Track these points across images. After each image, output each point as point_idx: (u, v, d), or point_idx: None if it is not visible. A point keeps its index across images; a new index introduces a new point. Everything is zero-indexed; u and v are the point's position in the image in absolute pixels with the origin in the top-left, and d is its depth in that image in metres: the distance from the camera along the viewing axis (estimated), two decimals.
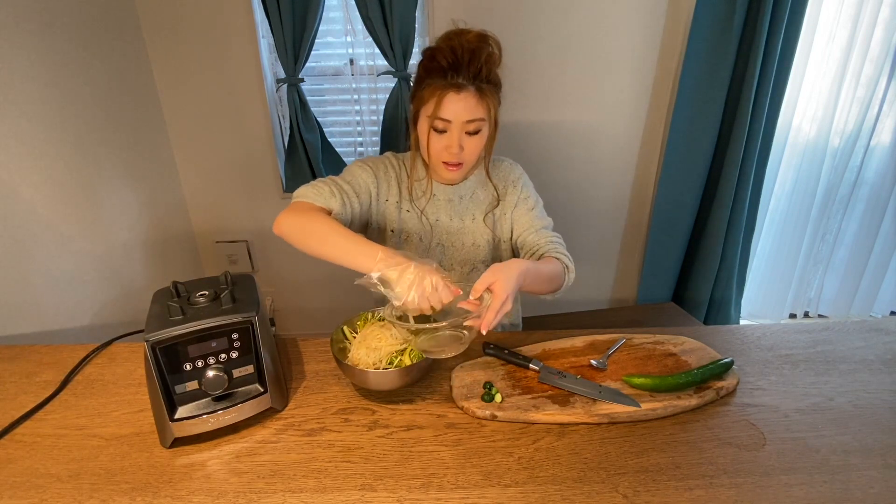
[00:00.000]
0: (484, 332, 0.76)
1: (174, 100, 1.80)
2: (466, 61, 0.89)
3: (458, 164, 0.98)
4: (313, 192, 0.95)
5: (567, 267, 1.01)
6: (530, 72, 1.79)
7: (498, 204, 1.10)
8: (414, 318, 0.81)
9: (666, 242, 2.00)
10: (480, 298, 0.79)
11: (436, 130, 0.94)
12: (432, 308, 0.77)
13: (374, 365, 0.82)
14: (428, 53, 0.93)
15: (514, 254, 1.14)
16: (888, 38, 1.77)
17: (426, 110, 0.94)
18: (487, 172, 1.08)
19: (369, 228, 1.10)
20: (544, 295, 1.00)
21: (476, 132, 0.95)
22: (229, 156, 1.90)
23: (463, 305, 0.80)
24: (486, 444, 0.77)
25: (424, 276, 0.76)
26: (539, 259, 1.02)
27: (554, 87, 1.82)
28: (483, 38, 0.91)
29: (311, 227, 0.88)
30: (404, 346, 0.85)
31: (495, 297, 0.77)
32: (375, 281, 0.77)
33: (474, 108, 0.92)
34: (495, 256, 1.14)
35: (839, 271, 2.21)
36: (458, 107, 0.91)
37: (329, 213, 0.94)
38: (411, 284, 0.75)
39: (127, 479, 0.71)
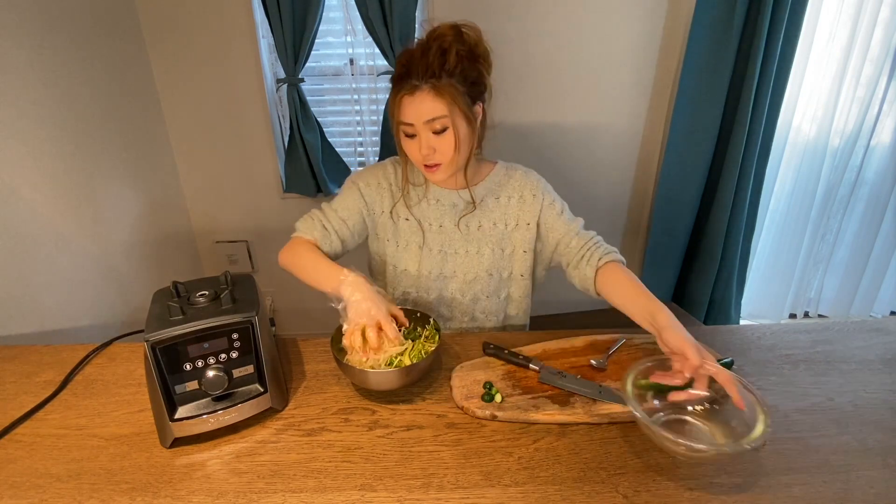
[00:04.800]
0: (743, 408, 0.72)
1: (174, 100, 1.80)
2: (417, 60, 0.88)
3: (436, 165, 0.96)
4: (304, 226, 1.05)
5: (622, 261, 0.99)
6: (530, 71, 1.79)
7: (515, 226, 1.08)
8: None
9: (666, 242, 2.00)
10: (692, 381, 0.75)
11: (407, 136, 0.95)
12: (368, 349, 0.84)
13: (373, 365, 0.82)
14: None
15: (534, 263, 1.11)
16: (888, 38, 1.77)
17: (396, 118, 0.94)
18: (465, 170, 1.01)
19: (370, 240, 1.12)
20: None
21: (442, 130, 0.92)
22: (229, 155, 1.90)
23: (674, 398, 0.77)
24: (486, 444, 0.77)
25: (365, 317, 0.84)
26: (613, 274, 0.97)
27: (554, 87, 1.82)
28: (448, 30, 0.89)
29: (294, 260, 1.01)
30: (404, 346, 0.85)
31: (715, 371, 0.74)
32: (340, 308, 0.87)
33: (431, 107, 0.89)
34: (500, 266, 1.10)
35: (839, 271, 2.21)
36: (415, 108, 0.90)
37: (317, 243, 1.04)
38: (354, 324, 0.84)
39: (127, 479, 0.71)
